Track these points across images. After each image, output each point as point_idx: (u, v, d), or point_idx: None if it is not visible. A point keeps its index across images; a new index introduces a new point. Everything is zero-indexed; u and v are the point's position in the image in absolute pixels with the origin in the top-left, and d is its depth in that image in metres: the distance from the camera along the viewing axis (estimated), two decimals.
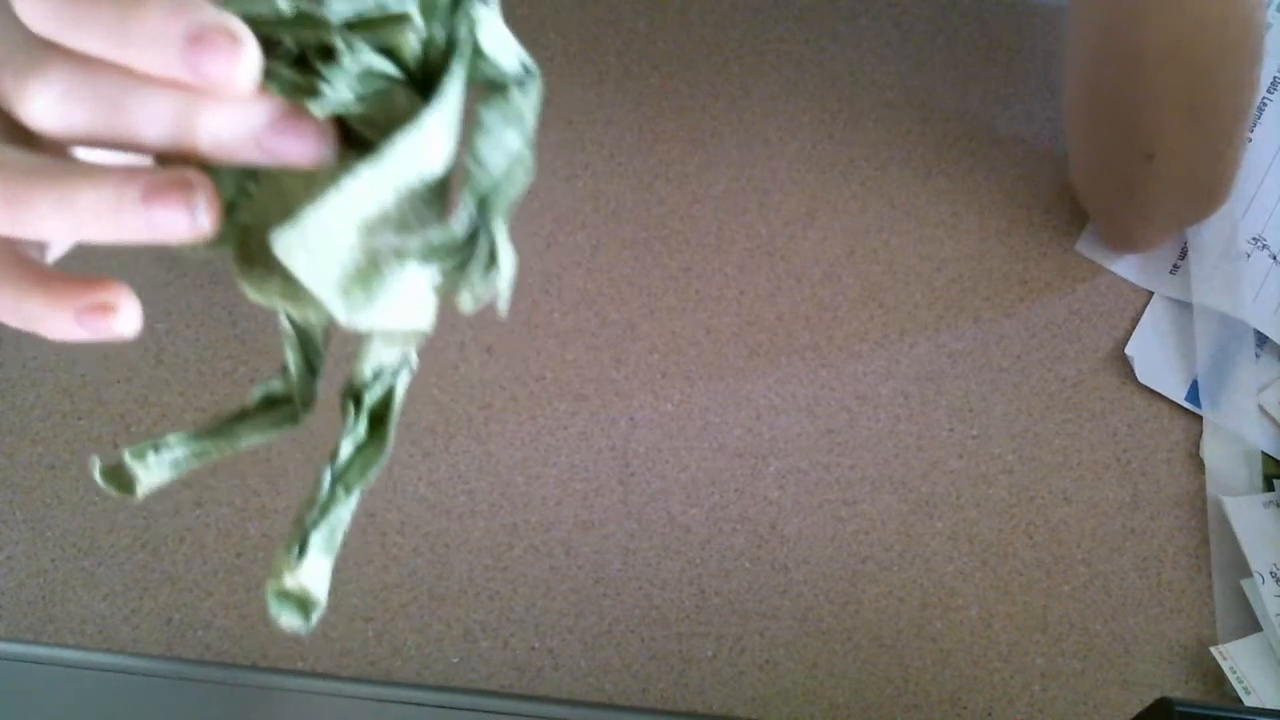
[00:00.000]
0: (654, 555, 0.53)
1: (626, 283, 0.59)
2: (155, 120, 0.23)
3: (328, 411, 0.29)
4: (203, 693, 0.50)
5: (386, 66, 0.24)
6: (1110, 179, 0.55)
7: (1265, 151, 0.59)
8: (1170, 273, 0.58)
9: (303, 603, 0.27)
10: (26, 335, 0.61)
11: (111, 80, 0.23)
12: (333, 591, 0.56)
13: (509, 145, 0.25)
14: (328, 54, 0.23)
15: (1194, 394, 0.55)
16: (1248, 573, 0.51)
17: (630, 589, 0.52)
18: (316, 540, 0.27)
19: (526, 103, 0.26)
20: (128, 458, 0.27)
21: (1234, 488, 0.53)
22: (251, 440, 0.28)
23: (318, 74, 0.23)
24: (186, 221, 0.23)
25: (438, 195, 0.24)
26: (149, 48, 0.22)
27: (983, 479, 0.54)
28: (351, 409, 0.27)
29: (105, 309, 0.24)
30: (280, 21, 0.23)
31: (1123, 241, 0.58)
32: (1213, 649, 0.50)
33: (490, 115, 0.25)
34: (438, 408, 0.56)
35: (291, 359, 0.28)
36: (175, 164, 0.24)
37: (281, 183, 0.25)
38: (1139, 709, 0.39)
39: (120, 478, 0.27)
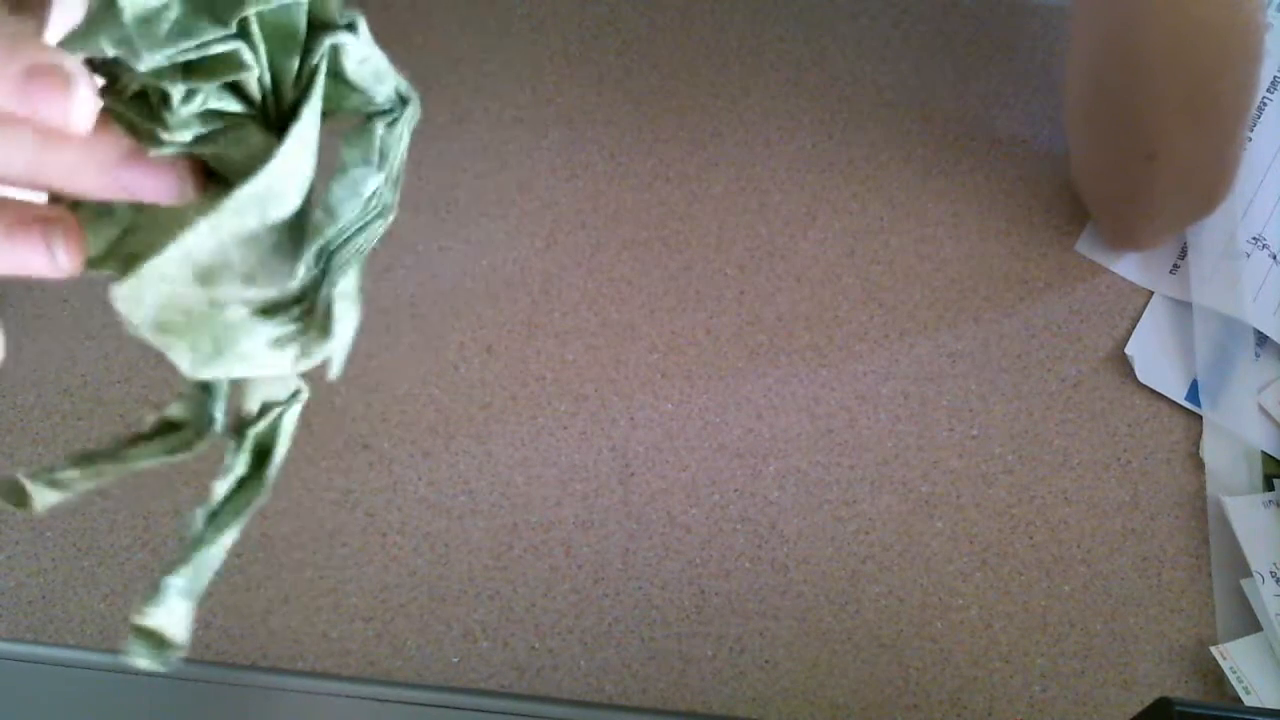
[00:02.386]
0: (654, 555, 0.53)
1: (626, 283, 0.59)
2: (10, 155, 0.23)
3: (330, 413, 0.28)
4: (203, 693, 0.50)
5: (232, 104, 0.23)
6: (1111, 177, 0.55)
7: (1265, 151, 0.59)
8: (1170, 272, 0.58)
9: (159, 643, 0.26)
10: (26, 335, 0.61)
11: None
12: (332, 591, 0.56)
13: (365, 188, 0.24)
14: (167, 101, 0.23)
15: (1194, 394, 0.55)
16: (1248, 573, 0.51)
17: (630, 589, 0.52)
18: (176, 583, 0.26)
19: (392, 135, 0.24)
20: (25, 480, 0.26)
21: (1234, 488, 0.53)
22: (144, 464, 0.27)
23: (158, 118, 0.23)
24: (44, 259, 0.23)
25: (288, 242, 0.23)
26: None
27: (983, 479, 0.54)
28: (232, 446, 0.27)
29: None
30: (113, 63, 0.22)
31: (1124, 239, 0.58)
32: (1213, 649, 0.50)
33: (350, 154, 0.24)
34: (438, 408, 0.56)
35: (187, 386, 0.28)
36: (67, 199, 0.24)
37: (159, 216, 0.24)
38: (1139, 709, 0.39)
39: (17, 495, 0.27)
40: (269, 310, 0.23)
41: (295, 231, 0.23)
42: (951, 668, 0.51)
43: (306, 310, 0.23)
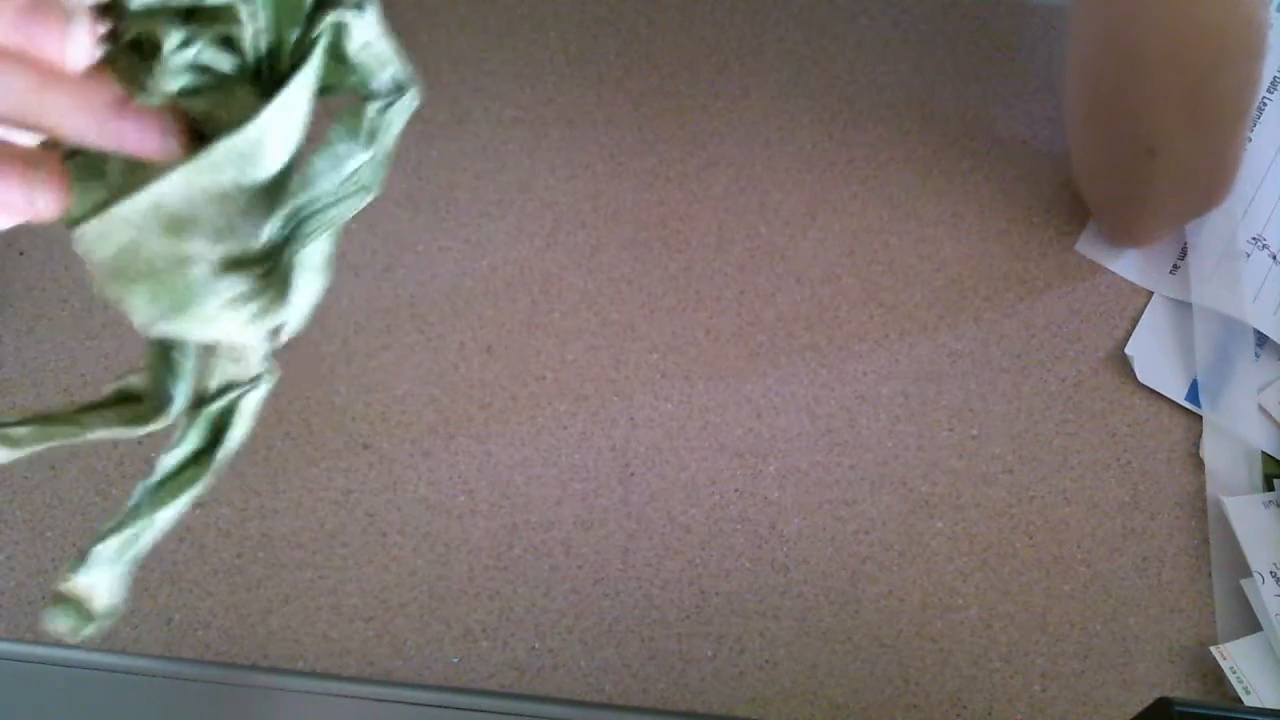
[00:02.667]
0: (654, 555, 0.53)
1: (626, 283, 0.59)
2: (3, 91, 0.23)
3: (330, 413, 0.28)
4: (203, 693, 0.50)
5: (223, 62, 0.23)
6: (1112, 173, 0.55)
7: (1265, 151, 0.59)
8: (1170, 272, 0.58)
9: (79, 612, 0.26)
10: (26, 335, 0.61)
11: None
12: (332, 591, 0.56)
13: (347, 165, 0.24)
14: (159, 47, 0.23)
15: (1194, 394, 0.55)
16: (1248, 573, 0.51)
17: (630, 589, 0.52)
18: (105, 550, 0.26)
19: (384, 120, 0.24)
20: None
21: (1234, 488, 0.53)
22: (97, 433, 0.26)
23: (150, 63, 0.23)
24: (21, 199, 0.23)
25: (263, 205, 0.23)
26: None
27: (983, 479, 0.54)
28: (183, 423, 0.26)
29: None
30: (113, 11, 0.22)
31: (1124, 236, 0.58)
32: (1213, 649, 0.50)
33: (338, 130, 0.24)
34: (438, 408, 0.56)
35: (147, 358, 0.27)
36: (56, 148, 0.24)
37: (144, 177, 0.24)
38: (1139, 709, 0.39)
39: None
40: (231, 266, 0.23)
41: (271, 196, 0.23)
42: (951, 668, 0.51)
43: (269, 271, 0.23)
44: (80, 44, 0.23)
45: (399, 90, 0.25)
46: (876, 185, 0.61)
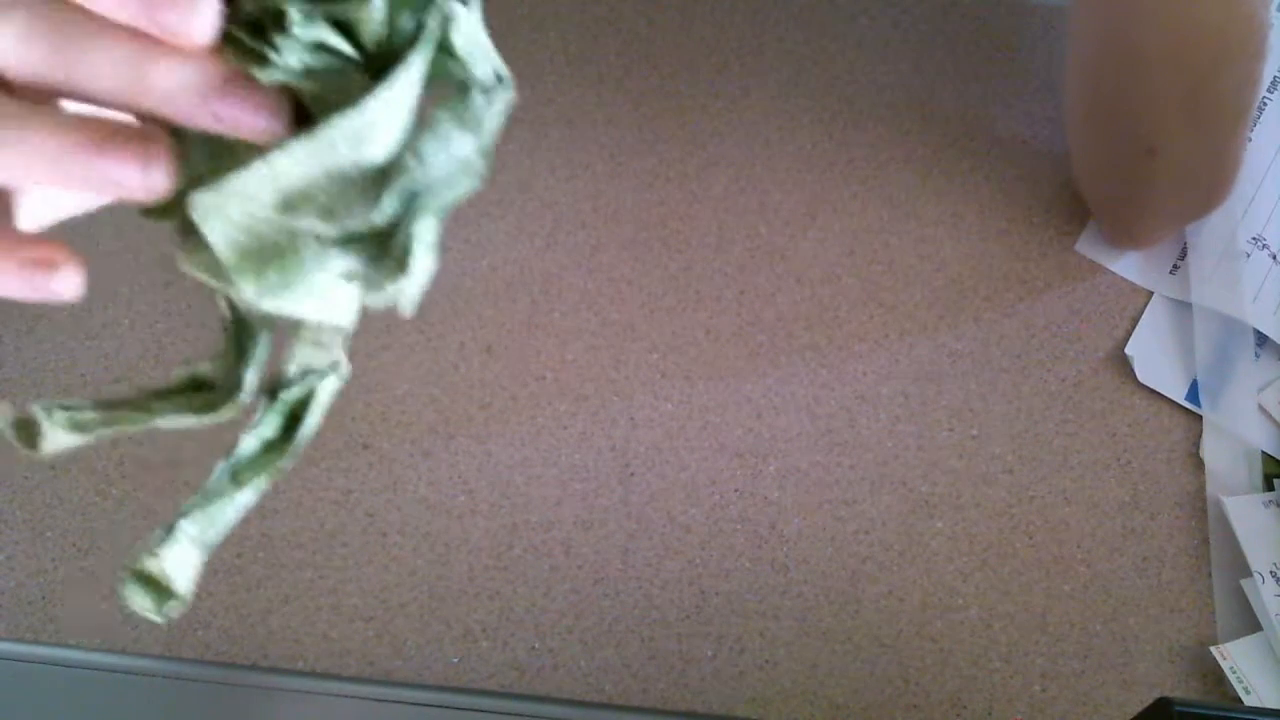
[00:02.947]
0: (654, 555, 0.53)
1: (626, 283, 0.59)
2: (109, 67, 0.23)
3: (330, 413, 0.28)
4: (203, 693, 0.50)
5: (343, 45, 0.23)
6: (1112, 174, 0.55)
7: (1265, 151, 0.59)
8: (1170, 272, 0.58)
9: (160, 590, 0.25)
10: (26, 335, 0.61)
11: (72, 22, 0.23)
12: (332, 591, 0.56)
13: (457, 149, 0.24)
14: (282, 24, 0.23)
15: (1194, 394, 0.55)
16: (1248, 573, 0.51)
17: (630, 589, 0.52)
18: (188, 527, 0.26)
19: (489, 110, 0.25)
20: (37, 411, 0.26)
21: (1234, 488, 0.53)
22: (167, 420, 0.26)
23: (270, 42, 0.23)
24: (138, 177, 0.23)
25: (374, 185, 0.23)
26: None
27: (983, 479, 0.54)
28: (264, 404, 0.27)
29: (48, 264, 0.24)
30: None
31: (1124, 237, 0.58)
32: (1213, 649, 0.50)
33: (443, 114, 0.24)
34: (438, 408, 0.56)
35: (224, 345, 0.27)
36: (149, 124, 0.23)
37: (239, 158, 0.24)
38: (1139, 709, 0.39)
39: (28, 431, 0.26)
40: (345, 242, 0.23)
41: (382, 176, 0.23)
42: (951, 668, 0.51)
43: (383, 247, 0.23)
44: (209, 19, 0.22)
45: (499, 83, 0.25)
46: (876, 185, 0.61)
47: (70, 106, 0.24)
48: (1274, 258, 0.57)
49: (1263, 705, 0.48)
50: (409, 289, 0.23)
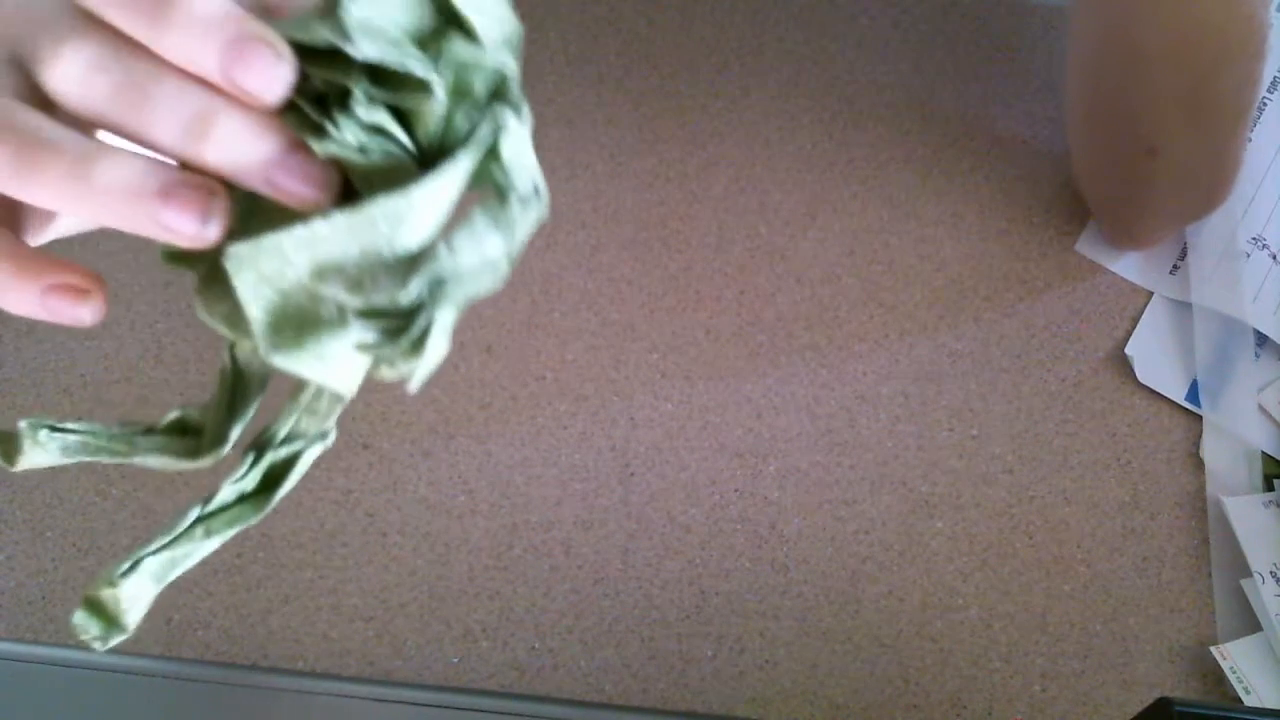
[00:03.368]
0: (654, 555, 0.53)
1: (626, 283, 0.59)
2: (173, 115, 0.23)
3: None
4: (203, 693, 0.50)
5: (399, 132, 0.24)
6: (1112, 174, 0.55)
7: (1265, 151, 0.59)
8: (1170, 273, 0.58)
9: (110, 620, 0.26)
10: (26, 335, 0.61)
11: (142, 63, 0.23)
12: (332, 591, 0.56)
13: (488, 248, 0.25)
14: (345, 102, 0.23)
15: (1194, 394, 0.55)
16: (1248, 573, 0.51)
17: (630, 589, 0.52)
18: (151, 564, 0.26)
19: (522, 219, 0.26)
20: (22, 426, 0.26)
21: (1234, 488, 0.53)
22: (148, 459, 0.27)
23: (331, 117, 0.23)
24: (195, 229, 0.23)
25: (404, 268, 0.24)
26: (190, 40, 0.22)
27: (983, 479, 0.54)
28: (250, 458, 0.27)
29: (75, 291, 0.24)
30: (313, 52, 0.23)
31: (1124, 237, 0.58)
32: (1213, 649, 0.50)
33: (480, 214, 0.25)
34: (438, 408, 0.56)
35: (217, 395, 0.28)
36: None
37: (273, 221, 0.24)
38: (1139, 709, 0.39)
39: (7, 446, 0.26)
40: (365, 314, 0.24)
41: (412, 262, 0.24)
42: (951, 668, 0.51)
43: (402, 326, 0.24)
44: (285, 84, 0.23)
45: (536, 196, 0.26)
46: (876, 185, 0.61)
47: (107, 137, 0.25)
48: (1274, 258, 0.57)
49: (1263, 705, 0.48)
50: (421, 370, 0.24)
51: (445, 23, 0.24)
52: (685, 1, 0.66)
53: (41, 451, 0.26)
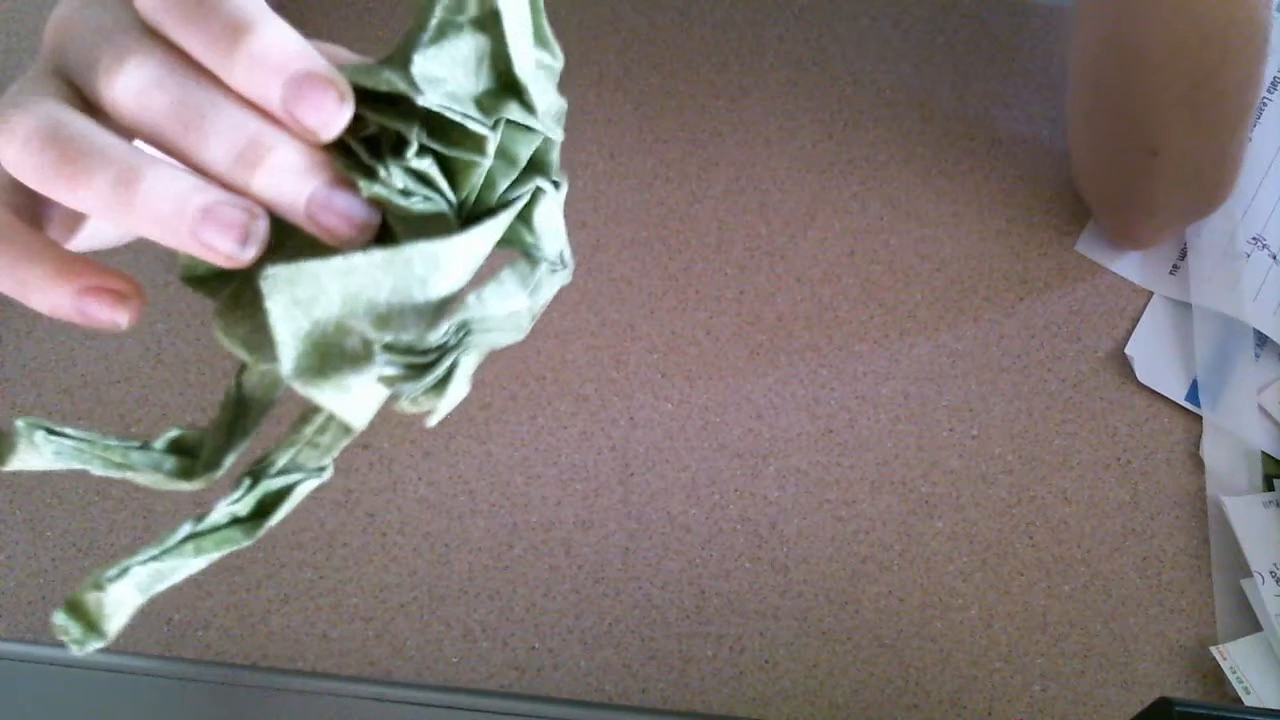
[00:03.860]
0: (654, 555, 0.53)
1: (626, 283, 0.59)
2: (226, 140, 0.23)
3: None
4: (203, 693, 0.50)
5: (443, 183, 0.25)
6: (1113, 174, 0.55)
7: (1265, 151, 0.59)
8: (1170, 273, 0.58)
9: (90, 624, 0.26)
10: (26, 335, 0.61)
11: (202, 85, 0.23)
12: (333, 591, 0.56)
13: (514, 303, 0.26)
14: (397, 148, 0.24)
15: (1194, 394, 0.55)
16: (1248, 573, 0.51)
17: (630, 589, 0.52)
18: (138, 574, 0.26)
19: (547, 283, 0.27)
20: (19, 425, 0.26)
21: (1234, 488, 0.53)
22: (140, 476, 0.27)
23: (381, 160, 0.24)
24: (233, 249, 0.23)
25: (429, 314, 0.24)
26: (254, 69, 0.23)
27: (983, 479, 0.54)
28: (246, 484, 0.27)
29: (113, 294, 0.24)
30: (375, 97, 0.24)
31: (1124, 238, 0.58)
32: (1213, 649, 0.50)
33: (510, 273, 0.26)
34: None
35: (219, 419, 0.28)
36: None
37: (303, 252, 0.25)
38: (1139, 709, 0.39)
39: (0, 442, 0.26)
40: (390, 350, 0.24)
41: (441, 306, 0.25)
42: (951, 668, 0.51)
43: (425, 364, 0.24)
44: (341, 123, 0.23)
45: (563, 264, 0.27)
46: (876, 185, 0.61)
47: (143, 146, 0.25)
48: (1274, 258, 0.57)
49: (1263, 705, 0.48)
50: (441, 409, 0.25)
51: (504, 88, 0.25)
52: (685, 1, 0.66)
53: (35, 453, 0.26)
